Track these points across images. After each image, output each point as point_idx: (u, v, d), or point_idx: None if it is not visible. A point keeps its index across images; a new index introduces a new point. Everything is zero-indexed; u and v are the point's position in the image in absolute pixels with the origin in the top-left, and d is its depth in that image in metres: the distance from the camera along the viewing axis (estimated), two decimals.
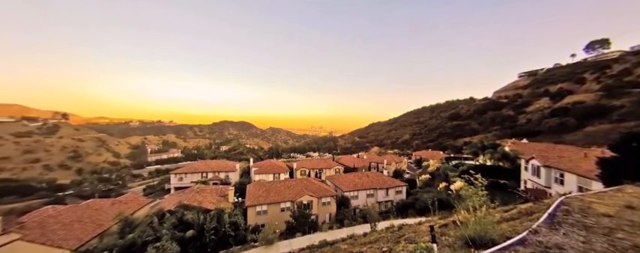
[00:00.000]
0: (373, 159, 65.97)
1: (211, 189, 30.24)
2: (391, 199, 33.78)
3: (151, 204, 29.32)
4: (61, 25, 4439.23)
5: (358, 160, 62.85)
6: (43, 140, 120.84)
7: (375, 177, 36.60)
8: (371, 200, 31.95)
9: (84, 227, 19.82)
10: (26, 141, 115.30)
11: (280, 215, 25.23)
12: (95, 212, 22.37)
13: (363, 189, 32.81)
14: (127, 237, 15.33)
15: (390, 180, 36.15)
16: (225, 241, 17.64)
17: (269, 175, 43.67)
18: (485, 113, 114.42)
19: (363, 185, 33.60)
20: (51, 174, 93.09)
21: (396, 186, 34.72)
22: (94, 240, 18.66)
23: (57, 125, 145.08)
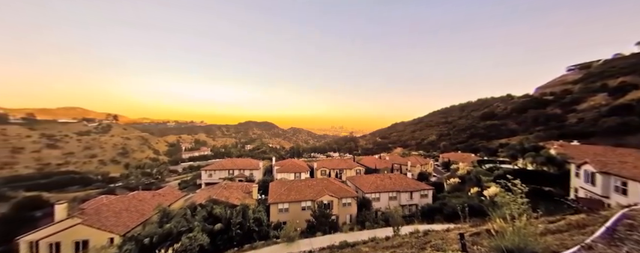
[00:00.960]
0: (396, 160, 63.54)
1: (237, 185, 31.94)
2: (416, 203, 32.19)
3: (185, 198, 31.96)
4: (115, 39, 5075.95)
5: (380, 161, 61.09)
6: (98, 138, 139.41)
7: (398, 179, 35.22)
8: (394, 203, 30.81)
9: (130, 216, 22.37)
10: (86, 139, 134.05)
11: (301, 213, 25.64)
12: (139, 203, 25.10)
13: (385, 191, 31.80)
14: (165, 226, 16.91)
15: (414, 183, 34.49)
16: (250, 236, 18.49)
17: (290, 174, 44.67)
18: (525, 112, 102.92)
19: (385, 187, 32.55)
20: (104, 168, 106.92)
21: (421, 190, 33.01)
22: (138, 228, 20.93)
23: (110, 125, 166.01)
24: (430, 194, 33.25)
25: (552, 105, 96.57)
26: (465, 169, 43.13)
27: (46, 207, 36.22)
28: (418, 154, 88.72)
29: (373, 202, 30.20)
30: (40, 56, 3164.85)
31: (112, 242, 18.60)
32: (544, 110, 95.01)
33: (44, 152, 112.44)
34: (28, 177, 66.56)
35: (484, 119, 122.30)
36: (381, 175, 37.51)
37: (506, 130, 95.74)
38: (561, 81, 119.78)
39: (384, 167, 54.93)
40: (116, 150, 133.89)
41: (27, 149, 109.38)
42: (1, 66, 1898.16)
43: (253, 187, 29.86)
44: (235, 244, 17.34)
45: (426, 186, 34.92)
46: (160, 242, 15.55)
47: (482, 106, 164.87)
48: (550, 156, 32.15)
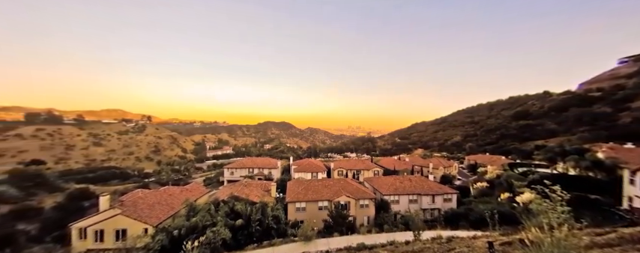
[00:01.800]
0: (416, 162, 61.01)
1: (256, 183, 33.08)
2: (438, 207, 30.61)
3: (209, 193, 33.89)
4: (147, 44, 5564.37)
5: (399, 162, 59.13)
6: (135, 137, 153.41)
7: (419, 181, 33.77)
8: (414, 207, 29.62)
9: (162, 209, 24.29)
10: (124, 137, 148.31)
11: (318, 213, 25.75)
12: (169, 197, 27.15)
13: (404, 194, 30.70)
14: (192, 220, 18.06)
15: (436, 186, 32.83)
16: (268, 233, 19.01)
17: (307, 174, 45.11)
18: (566, 110, 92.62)
19: (405, 189, 31.41)
20: (140, 164, 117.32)
21: (444, 193, 31.31)
22: (168, 220, 22.64)
23: (144, 125, 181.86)
24: (454, 199, 31.41)
25: (600, 103, 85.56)
26: (493, 173, 40.04)
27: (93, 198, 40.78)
28: (441, 156, 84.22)
29: (392, 204, 29.33)
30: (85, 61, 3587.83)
31: (147, 232, 20.34)
32: (589, 108, 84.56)
33: (91, 149, 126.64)
34: (78, 171, 75.49)
35: (517, 118, 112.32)
36: (400, 177, 36.29)
37: (542, 131, 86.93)
38: (612, 76, 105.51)
39: (404, 168, 53.05)
40: (150, 148, 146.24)
41: (77, 146, 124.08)
42: (55, 72, 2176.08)
43: (272, 185, 30.68)
44: (255, 240, 17.95)
45: (450, 189, 33.04)
46: (187, 234, 16.66)
47: (514, 105, 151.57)
48: (597, 159, 28.53)
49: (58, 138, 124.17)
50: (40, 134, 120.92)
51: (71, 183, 53.75)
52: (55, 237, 28.07)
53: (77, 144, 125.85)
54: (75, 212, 37.21)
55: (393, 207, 29.12)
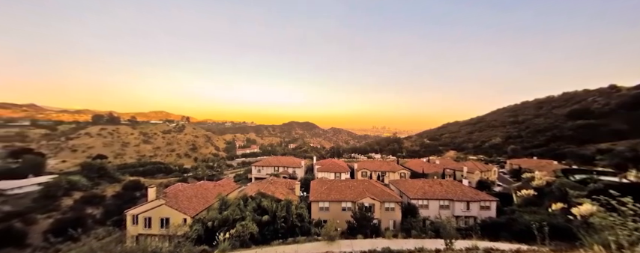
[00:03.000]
0: (448, 164, 56.71)
1: (281, 181, 34.16)
2: (474, 215, 28.02)
3: (238, 189, 36.06)
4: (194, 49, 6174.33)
5: (429, 165, 55.61)
6: (176, 136, 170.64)
7: (451, 186, 31.32)
8: (445, 213, 27.57)
9: (198, 201, 26.60)
10: (168, 136, 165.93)
11: (341, 214, 25.57)
12: (204, 191, 29.59)
13: (434, 199, 28.77)
14: (223, 213, 19.44)
15: (472, 192, 30.08)
16: (293, 230, 19.50)
17: (330, 174, 45.11)
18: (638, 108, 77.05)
19: (435, 194, 29.42)
20: (180, 160, 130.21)
21: (481, 200, 28.54)
22: (203, 212, 24.69)
23: (184, 125, 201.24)
24: (493, 207, 28.43)
25: None
26: (543, 179, 35.22)
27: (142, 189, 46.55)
28: (477, 159, 77.08)
29: (420, 209, 27.72)
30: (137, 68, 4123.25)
31: (185, 221, 22.46)
32: None
33: (141, 146, 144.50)
34: (131, 165, 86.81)
35: (573, 117, 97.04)
36: (429, 180, 34.12)
37: (607, 132, 73.59)
38: None
39: (434, 171, 49.74)
40: (188, 145, 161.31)
41: (131, 143, 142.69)
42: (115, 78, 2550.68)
43: (296, 184, 31.39)
44: (280, 236, 18.57)
45: (488, 196, 29.99)
46: (220, 226, 17.97)
47: (569, 102, 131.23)
48: None
49: (117, 136, 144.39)
50: (103, 133, 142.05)
51: (126, 175, 62.06)
52: (114, 221, 32.75)
53: (131, 141, 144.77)
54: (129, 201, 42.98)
55: (422, 212, 27.49)
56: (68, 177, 47.33)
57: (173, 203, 24.33)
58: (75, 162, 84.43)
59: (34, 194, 41.75)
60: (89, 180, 49.76)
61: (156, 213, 23.64)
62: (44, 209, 38.30)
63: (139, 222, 23.73)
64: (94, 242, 7.70)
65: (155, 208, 23.77)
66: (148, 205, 24.77)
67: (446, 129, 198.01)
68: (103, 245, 7.54)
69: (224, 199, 22.73)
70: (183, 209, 23.98)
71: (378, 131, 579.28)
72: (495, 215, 27.45)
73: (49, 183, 43.55)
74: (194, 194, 27.71)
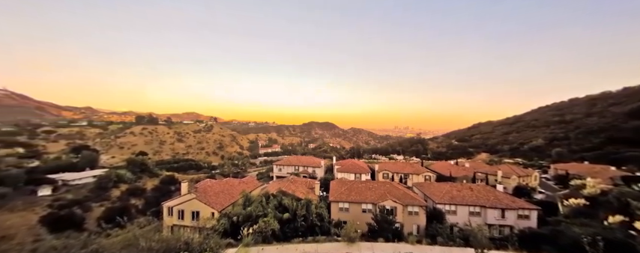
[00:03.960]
0: (480, 168, 52.44)
1: (301, 180, 34.67)
2: (510, 224, 25.51)
3: (261, 187, 37.48)
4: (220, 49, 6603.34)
5: (457, 168, 51.98)
6: (205, 135, 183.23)
7: (484, 191, 28.89)
8: (476, 220, 25.50)
9: (224, 197, 28.23)
10: (198, 135, 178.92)
11: (362, 215, 25.12)
12: (230, 187, 31.31)
13: (463, 204, 26.80)
14: (247, 209, 20.37)
15: (507, 198, 27.43)
16: (312, 229, 19.67)
17: (350, 174, 44.57)
18: None
19: (464, 199, 27.39)
20: (209, 158, 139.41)
21: (518, 208, 25.89)
22: (229, 207, 26.14)
23: (212, 125, 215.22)
24: (534, 216, 25.61)
25: None
26: (596, 187, 30.75)
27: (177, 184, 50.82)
28: (514, 162, 70.06)
29: (447, 215, 26.03)
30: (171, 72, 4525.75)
31: (213, 215, 23.99)
32: None
33: (176, 144, 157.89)
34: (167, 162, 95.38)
35: (635, 116, 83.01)
36: (458, 184, 31.87)
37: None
38: None
39: (463, 175, 46.35)
40: (216, 144, 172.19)
41: (167, 142, 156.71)
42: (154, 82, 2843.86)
43: (316, 184, 31.61)
44: (300, 234, 18.87)
45: (528, 204, 27.08)
46: (244, 221, 18.86)
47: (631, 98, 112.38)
48: None
49: (155, 135, 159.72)
50: (144, 132, 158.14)
51: (163, 170, 68.33)
52: (153, 212, 36.28)
53: (167, 140, 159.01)
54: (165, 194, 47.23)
55: (449, 218, 25.78)
56: (116, 171, 53.65)
57: (203, 197, 26.14)
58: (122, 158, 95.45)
59: (90, 185, 48.09)
60: (133, 174, 55.82)
61: (188, 206, 25.63)
62: (98, 199, 43.94)
63: (173, 214, 25.96)
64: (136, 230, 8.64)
65: (187, 201, 25.78)
66: (181, 198, 26.97)
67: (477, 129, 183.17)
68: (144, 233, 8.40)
69: (248, 196, 23.80)
70: (212, 203, 25.64)
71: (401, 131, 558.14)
72: (536, 226, 24.67)
73: (102, 176, 49.78)
74: (221, 190, 29.47)
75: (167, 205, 26.67)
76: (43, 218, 34.77)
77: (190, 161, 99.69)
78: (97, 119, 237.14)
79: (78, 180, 50.02)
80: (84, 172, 55.62)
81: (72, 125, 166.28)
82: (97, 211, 40.47)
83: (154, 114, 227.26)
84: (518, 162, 72.23)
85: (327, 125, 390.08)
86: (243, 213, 19.63)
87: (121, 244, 7.64)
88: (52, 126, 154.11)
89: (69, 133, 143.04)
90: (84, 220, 37.02)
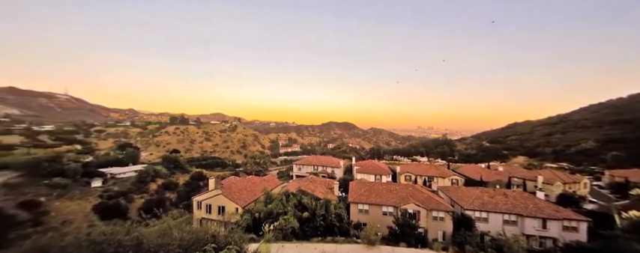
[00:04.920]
0: (516, 172, 47.76)
1: (320, 180, 34.82)
2: (553, 236, 22.82)
3: (281, 185, 38.47)
4: None
5: (488, 172, 47.96)
6: (230, 134, 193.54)
7: (521, 198, 26.25)
8: (511, 230, 23.27)
9: (247, 194, 29.54)
10: (223, 135, 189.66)
11: (382, 218, 24.44)
12: (252, 185, 32.66)
13: (496, 212, 24.63)
14: (268, 206, 21.07)
15: (550, 207, 24.56)
16: (331, 229, 19.64)
17: (370, 175, 43.60)
18: None
19: (498, 206, 25.15)
20: (233, 156, 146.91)
21: (563, 219, 23.05)
22: (251, 203, 27.28)
23: (236, 125, 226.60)
24: (583, 228, 22.60)
25: None
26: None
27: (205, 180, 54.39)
28: (557, 167, 62.65)
29: (478, 223, 24.15)
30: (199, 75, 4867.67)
31: (237, 211, 25.25)
32: None
33: (204, 143, 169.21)
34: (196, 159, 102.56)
35: None
36: (490, 190, 29.40)
37: None
38: None
39: (496, 180, 42.61)
40: (239, 143, 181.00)
41: (196, 141, 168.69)
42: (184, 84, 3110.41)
43: (335, 184, 31.51)
44: (319, 233, 18.97)
45: (575, 214, 23.98)
46: (265, 218, 19.54)
47: None
48: None
49: (186, 134, 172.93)
50: (177, 131, 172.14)
51: (193, 167, 73.63)
52: (184, 205, 39.33)
53: (196, 139, 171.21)
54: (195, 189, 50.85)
55: (479, 226, 23.87)
56: (154, 167, 59.15)
57: (228, 193, 27.64)
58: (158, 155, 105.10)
59: (132, 179, 53.71)
60: (167, 170, 61.07)
61: (214, 201, 27.31)
62: (138, 191, 48.91)
63: (202, 208, 27.86)
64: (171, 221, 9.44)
65: (214, 197, 27.47)
66: (208, 194, 28.84)
67: (512, 129, 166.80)
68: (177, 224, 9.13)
69: (269, 193, 24.60)
70: (236, 199, 26.99)
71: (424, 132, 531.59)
72: (586, 239, 21.71)
73: (142, 171, 55.26)
74: (244, 187, 30.87)
75: (196, 199, 28.70)
76: (95, 206, 39.76)
77: (217, 159, 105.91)
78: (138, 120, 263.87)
79: (123, 174, 56.17)
80: (127, 167, 62.26)
81: (118, 125, 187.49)
82: (138, 202, 45.07)
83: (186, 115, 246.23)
84: (563, 167, 64.30)
85: (346, 125, 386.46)
86: (265, 210, 20.32)
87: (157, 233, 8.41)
88: (103, 126, 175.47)
89: (115, 132, 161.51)
90: (127, 210, 41.49)
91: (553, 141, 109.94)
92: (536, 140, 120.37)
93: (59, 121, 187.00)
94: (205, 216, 27.30)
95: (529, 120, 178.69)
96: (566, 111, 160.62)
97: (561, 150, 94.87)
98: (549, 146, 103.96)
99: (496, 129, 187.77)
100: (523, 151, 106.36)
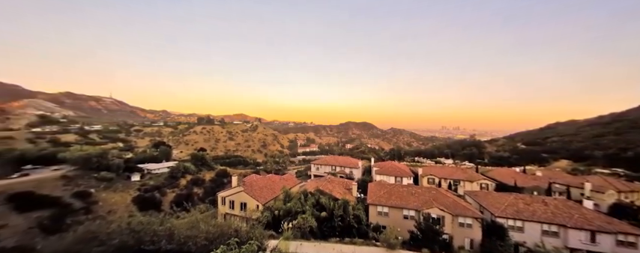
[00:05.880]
0: (558, 177, 42.89)
1: (338, 181, 34.61)
2: (605, 251, 20.04)
3: (299, 184, 39.00)
4: None
5: (524, 177, 43.74)
6: (251, 134, 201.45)
7: (564, 207, 23.53)
8: (552, 241, 20.95)
9: (267, 191, 30.46)
10: (245, 134, 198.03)
11: (402, 222, 23.56)
12: (272, 183, 33.60)
13: (534, 221, 22.37)
14: (287, 205, 21.50)
15: (600, 219, 21.64)
16: (349, 230, 19.44)
17: (390, 177, 42.28)
18: None
19: (536, 214, 22.83)
20: (254, 155, 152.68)
21: (618, 232, 20.14)
22: (271, 201, 28.08)
23: (257, 125, 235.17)
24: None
25: None
26: None
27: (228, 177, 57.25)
28: (610, 173, 55.03)
29: (512, 232, 22.13)
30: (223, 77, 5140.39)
31: (258, 207, 26.17)
32: None
33: (227, 142, 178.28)
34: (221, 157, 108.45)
35: None
36: (526, 196, 26.79)
37: None
38: None
39: (533, 186, 38.66)
40: (260, 143, 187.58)
41: (221, 140, 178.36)
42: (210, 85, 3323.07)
43: (353, 185, 31.11)
44: (337, 234, 18.89)
45: (633, 227, 20.83)
46: (284, 215, 19.98)
47: None
48: None
49: (211, 134, 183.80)
50: (204, 131, 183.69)
51: (218, 164, 77.99)
52: (210, 200, 41.83)
53: (220, 138, 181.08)
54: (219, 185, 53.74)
55: (513, 236, 21.85)
56: (183, 164, 63.78)
57: (249, 190, 28.77)
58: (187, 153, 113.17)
59: (165, 174, 58.50)
60: (195, 167, 65.46)
61: (237, 198, 28.61)
62: (170, 186, 53.12)
63: (226, 203, 29.36)
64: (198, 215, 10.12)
65: (236, 193, 28.80)
66: (232, 190, 30.31)
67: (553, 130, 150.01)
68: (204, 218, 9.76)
69: (288, 192, 25.10)
70: (257, 196, 27.98)
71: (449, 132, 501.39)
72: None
73: (173, 167, 59.95)
74: (264, 185, 31.89)
75: (221, 195, 30.33)
76: (134, 198, 44.06)
77: (239, 157, 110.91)
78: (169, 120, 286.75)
79: (157, 169, 61.47)
80: (161, 164, 67.97)
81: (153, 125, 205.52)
82: (170, 196, 48.98)
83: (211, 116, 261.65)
84: (617, 173, 56.13)
85: (364, 125, 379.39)
86: (284, 208, 20.78)
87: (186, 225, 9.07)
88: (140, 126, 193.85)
89: (151, 132, 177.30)
90: (161, 202, 45.32)
91: (604, 144, 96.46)
92: (583, 142, 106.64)
93: (105, 122, 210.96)
94: (229, 211, 28.72)
95: (574, 120, 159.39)
96: (621, 110, 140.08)
97: (615, 153, 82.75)
98: (600, 149, 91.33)
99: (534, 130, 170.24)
100: (567, 154, 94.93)
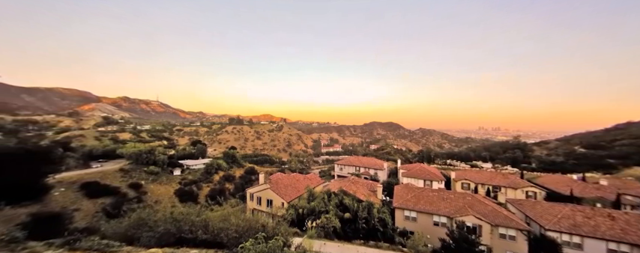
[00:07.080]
0: (629, 188, 35.90)
1: (363, 182, 33.92)
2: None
3: (323, 184, 39.24)
4: None
5: (583, 186, 37.53)
6: (276, 134, 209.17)
7: (637, 223, 19.59)
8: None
9: (292, 190, 31.30)
10: (271, 134, 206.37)
11: (432, 228, 22.11)
12: (296, 182, 34.42)
13: (597, 238, 19.06)
14: (311, 204, 21.82)
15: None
16: (374, 233, 18.93)
17: (419, 180, 39.99)
18: None
19: (598, 230, 19.44)
20: (279, 154, 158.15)
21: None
22: (296, 199, 28.77)
23: (282, 125, 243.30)
24: None
25: None
26: None
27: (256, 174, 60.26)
28: None
29: (566, 248, 19.21)
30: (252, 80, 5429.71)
31: (283, 205, 27.05)
32: None
33: (255, 141, 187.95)
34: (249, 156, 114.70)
35: None
36: (586, 208, 22.97)
37: None
38: None
39: (595, 196, 32.96)
40: (285, 142, 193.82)
41: (249, 139, 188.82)
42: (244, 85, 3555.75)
43: (378, 187, 30.19)
44: (361, 236, 18.55)
45: None
46: (308, 214, 20.32)
47: None
48: None
49: (241, 133, 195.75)
50: (234, 131, 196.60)
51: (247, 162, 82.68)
52: (240, 196, 44.54)
53: (249, 137, 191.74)
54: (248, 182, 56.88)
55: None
56: (217, 161, 69.06)
57: (275, 188, 29.90)
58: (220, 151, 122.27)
59: (201, 170, 64.04)
60: (227, 164, 70.38)
61: (264, 194, 29.97)
62: (205, 181, 57.95)
63: (253, 199, 30.98)
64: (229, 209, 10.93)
65: (263, 190, 30.17)
66: (259, 187, 31.85)
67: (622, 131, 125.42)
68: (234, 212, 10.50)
69: (312, 191, 25.44)
70: (282, 194, 28.95)
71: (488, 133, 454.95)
72: None
73: (208, 164, 65.28)
74: (289, 183, 32.82)
75: (249, 191, 32.10)
76: (176, 191, 49.12)
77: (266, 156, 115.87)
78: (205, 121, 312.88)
79: (194, 166, 67.59)
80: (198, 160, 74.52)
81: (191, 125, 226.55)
82: (205, 190, 53.46)
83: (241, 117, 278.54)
84: None
85: (390, 125, 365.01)
86: (308, 207, 21.13)
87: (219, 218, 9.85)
88: (181, 126, 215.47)
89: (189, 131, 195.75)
90: (198, 196, 49.71)
91: None
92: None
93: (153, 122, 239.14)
94: (256, 207, 30.23)
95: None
96: None
97: None
98: None
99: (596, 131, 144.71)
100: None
